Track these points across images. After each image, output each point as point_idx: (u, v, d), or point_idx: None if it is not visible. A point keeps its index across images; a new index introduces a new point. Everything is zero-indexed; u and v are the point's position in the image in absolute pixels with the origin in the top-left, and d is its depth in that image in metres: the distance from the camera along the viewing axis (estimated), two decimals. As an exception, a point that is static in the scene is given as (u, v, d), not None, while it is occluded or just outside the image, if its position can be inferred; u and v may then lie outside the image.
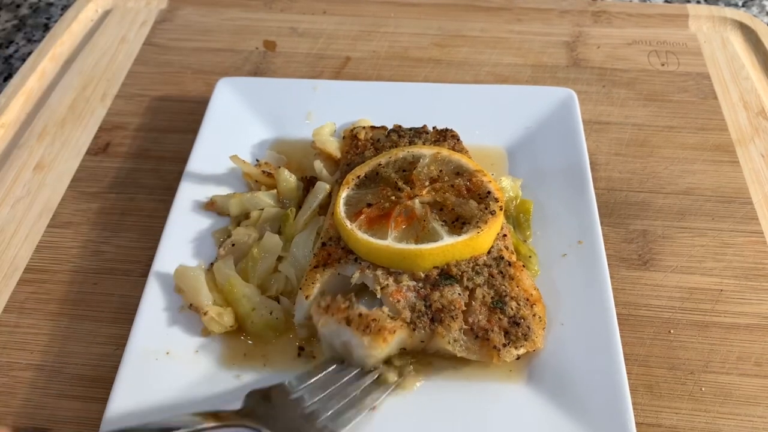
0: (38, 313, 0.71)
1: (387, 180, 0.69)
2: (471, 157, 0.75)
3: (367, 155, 0.75)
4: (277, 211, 0.74)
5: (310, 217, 0.72)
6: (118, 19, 1.11)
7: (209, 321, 0.63)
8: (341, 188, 0.69)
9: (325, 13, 1.11)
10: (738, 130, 0.91)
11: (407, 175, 0.69)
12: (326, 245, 0.66)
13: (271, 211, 0.73)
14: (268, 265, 0.68)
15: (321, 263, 0.64)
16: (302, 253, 0.69)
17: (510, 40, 1.06)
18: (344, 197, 0.68)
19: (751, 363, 0.66)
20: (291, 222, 0.72)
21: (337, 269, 0.64)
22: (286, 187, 0.75)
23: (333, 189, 0.74)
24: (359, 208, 0.66)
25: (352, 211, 0.66)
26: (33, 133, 0.92)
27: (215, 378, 0.62)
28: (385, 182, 0.69)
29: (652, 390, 0.64)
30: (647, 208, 0.81)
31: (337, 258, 0.64)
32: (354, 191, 0.69)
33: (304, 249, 0.69)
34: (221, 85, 0.87)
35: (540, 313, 0.63)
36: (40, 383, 0.65)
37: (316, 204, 0.73)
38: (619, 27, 1.08)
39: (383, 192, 0.67)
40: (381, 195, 0.67)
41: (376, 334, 0.57)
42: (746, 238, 0.77)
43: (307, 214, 0.72)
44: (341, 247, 0.65)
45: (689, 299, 0.71)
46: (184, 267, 0.67)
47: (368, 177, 0.70)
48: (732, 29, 1.07)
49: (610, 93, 0.96)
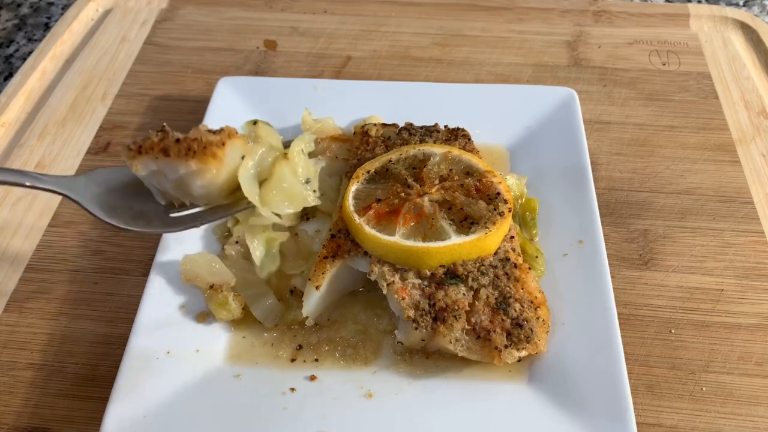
0: (39, 313, 0.71)
1: (397, 176, 0.69)
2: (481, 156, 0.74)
3: (377, 152, 0.75)
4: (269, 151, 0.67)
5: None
6: (119, 18, 1.11)
7: (219, 304, 0.62)
8: (351, 182, 0.69)
9: (325, 12, 1.11)
10: (739, 130, 0.91)
11: (417, 173, 0.69)
12: (335, 237, 0.66)
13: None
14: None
15: (330, 254, 0.64)
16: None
17: (511, 40, 1.05)
18: (354, 191, 0.68)
19: (752, 363, 0.66)
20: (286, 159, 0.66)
21: (346, 261, 0.64)
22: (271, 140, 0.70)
23: (342, 182, 0.74)
24: (368, 203, 0.66)
25: (361, 205, 0.66)
26: (33, 133, 0.92)
27: (215, 377, 0.61)
28: (395, 179, 0.69)
29: (653, 390, 0.64)
30: (648, 207, 0.81)
31: (346, 250, 0.64)
32: (364, 186, 0.69)
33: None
34: (222, 85, 0.87)
35: (544, 316, 0.62)
36: (40, 382, 0.65)
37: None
38: (620, 26, 1.08)
39: (393, 188, 0.67)
40: (390, 191, 0.67)
41: (201, 153, 0.50)
42: (747, 238, 0.77)
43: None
44: (351, 239, 0.65)
45: (690, 299, 0.71)
46: (191, 255, 0.66)
47: (378, 172, 0.71)
48: (733, 29, 1.07)
49: (611, 92, 0.96)
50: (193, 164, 0.50)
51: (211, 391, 0.60)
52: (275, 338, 0.65)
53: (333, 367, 0.62)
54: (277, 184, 0.63)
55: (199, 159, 0.50)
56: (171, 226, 0.59)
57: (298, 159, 0.66)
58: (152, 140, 0.52)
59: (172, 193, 0.55)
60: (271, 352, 0.64)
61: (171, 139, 0.51)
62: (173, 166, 0.51)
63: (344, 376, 0.62)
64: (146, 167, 0.52)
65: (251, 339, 0.65)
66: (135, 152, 0.52)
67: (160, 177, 0.53)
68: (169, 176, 0.52)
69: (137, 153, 0.52)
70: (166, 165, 0.51)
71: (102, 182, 0.57)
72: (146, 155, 0.51)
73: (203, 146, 0.51)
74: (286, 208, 0.64)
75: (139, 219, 0.57)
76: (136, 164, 0.52)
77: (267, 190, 0.63)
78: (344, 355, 0.64)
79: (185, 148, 0.50)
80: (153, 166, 0.51)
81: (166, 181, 0.53)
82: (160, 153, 0.51)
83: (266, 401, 0.59)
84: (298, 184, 0.65)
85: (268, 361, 0.63)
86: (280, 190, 0.64)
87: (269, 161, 0.63)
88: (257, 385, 0.61)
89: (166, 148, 0.50)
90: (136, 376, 0.59)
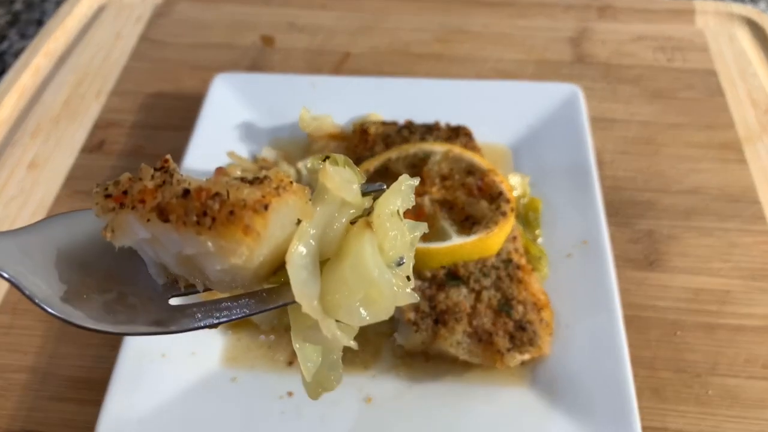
0: (32, 314, 0.69)
1: (396, 175, 0.68)
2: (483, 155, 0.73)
3: (377, 151, 0.74)
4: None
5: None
6: (113, 14, 1.09)
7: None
8: None
9: (324, 7, 1.09)
10: (745, 128, 0.89)
11: (417, 172, 0.68)
12: None
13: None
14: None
15: None
16: None
17: (513, 36, 1.04)
18: None
19: (758, 365, 0.64)
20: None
21: None
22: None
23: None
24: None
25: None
26: (26, 131, 0.90)
27: (211, 381, 0.60)
28: (394, 178, 0.68)
29: (658, 393, 0.63)
30: (653, 207, 0.79)
31: None
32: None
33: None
34: (218, 82, 0.86)
35: (547, 318, 0.61)
36: (33, 385, 0.64)
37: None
38: (624, 22, 1.06)
39: (393, 187, 0.65)
40: (390, 190, 0.65)
41: (225, 223, 0.28)
42: (754, 238, 0.76)
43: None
44: None
45: (696, 300, 0.70)
46: None
47: (378, 171, 0.69)
48: (739, 25, 1.05)
49: (616, 90, 0.95)
50: (209, 243, 0.28)
51: (206, 395, 0.59)
52: (272, 341, 0.64)
53: (331, 370, 0.61)
54: (352, 273, 0.34)
55: (221, 234, 0.27)
56: (168, 323, 0.35)
57: (389, 224, 0.36)
58: (144, 186, 0.29)
59: (175, 269, 0.32)
60: (268, 355, 0.63)
61: (174, 190, 0.28)
62: (176, 238, 0.29)
63: (342, 380, 0.60)
64: (131, 233, 0.29)
65: (247, 342, 0.64)
66: (112, 203, 0.29)
67: (158, 246, 0.31)
68: (170, 249, 0.30)
69: (116, 205, 0.29)
70: (165, 234, 0.29)
71: (61, 241, 0.32)
72: (131, 212, 0.28)
73: (229, 211, 0.28)
74: (362, 317, 0.35)
75: (117, 309, 0.33)
76: (114, 227, 0.29)
77: (332, 284, 0.34)
78: (343, 358, 0.62)
79: (198, 211, 0.28)
80: (143, 233, 0.29)
81: (165, 252, 0.31)
82: (154, 214, 0.28)
83: (263, 406, 0.58)
84: (385, 272, 0.35)
85: (265, 365, 0.62)
86: (356, 285, 0.34)
87: (340, 229, 0.35)
88: (254, 389, 0.60)
89: (164, 209, 0.28)
90: (131, 380, 0.58)
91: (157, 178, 0.30)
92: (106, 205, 0.30)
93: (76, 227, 0.34)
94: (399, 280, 0.36)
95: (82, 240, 0.34)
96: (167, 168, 0.31)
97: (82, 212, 0.35)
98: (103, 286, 0.34)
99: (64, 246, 0.33)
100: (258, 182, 0.31)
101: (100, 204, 0.30)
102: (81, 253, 0.34)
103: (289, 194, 0.31)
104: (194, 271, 0.32)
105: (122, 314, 0.34)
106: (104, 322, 0.33)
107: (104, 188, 0.30)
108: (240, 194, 0.29)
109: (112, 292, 0.34)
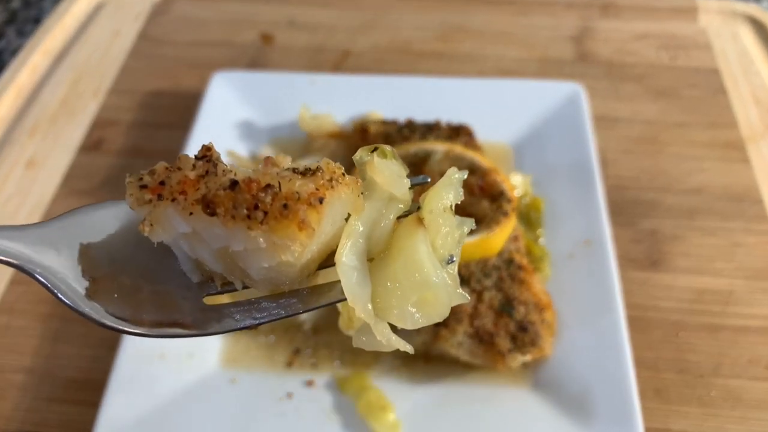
0: (29, 315, 0.69)
1: None
2: (485, 154, 0.73)
3: None
4: None
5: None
6: (112, 12, 1.08)
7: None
8: None
9: (324, 5, 1.09)
10: (749, 127, 0.89)
11: (418, 171, 0.68)
12: None
13: None
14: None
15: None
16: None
17: (515, 34, 1.03)
18: None
19: (762, 366, 0.64)
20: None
21: None
22: None
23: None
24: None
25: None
26: (24, 129, 0.90)
27: (210, 382, 0.60)
28: None
29: (661, 394, 0.62)
30: (656, 206, 0.79)
31: None
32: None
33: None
34: (217, 80, 0.85)
35: (549, 318, 0.61)
36: (31, 386, 0.63)
37: None
38: (627, 20, 1.06)
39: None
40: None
41: (279, 218, 0.26)
42: (757, 238, 0.75)
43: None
44: None
45: (699, 301, 0.69)
46: None
47: None
48: (742, 23, 1.04)
49: (618, 88, 0.94)
50: (261, 239, 0.26)
51: (205, 397, 0.58)
52: (271, 342, 0.63)
53: (331, 372, 0.61)
54: (405, 273, 0.32)
55: (274, 229, 0.25)
56: (204, 324, 0.31)
57: (442, 221, 0.34)
58: (184, 176, 0.26)
59: (212, 266, 0.29)
60: (267, 356, 0.62)
61: (220, 181, 0.26)
62: (220, 233, 0.26)
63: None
64: (170, 228, 0.27)
65: (246, 342, 0.63)
66: (148, 194, 0.26)
67: (196, 242, 0.28)
68: (211, 244, 0.27)
69: (153, 197, 0.26)
70: (208, 229, 0.26)
71: (87, 234, 0.30)
72: (171, 204, 0.26)
73: (283, 204, 0.26)
74: (415, 320, 0.33)
75: (149, 309, 0.31)
76: (152, 221, 0.27)
77: (383, 285, 0.32)
78: (343, 359, 0.62)
79: (248, 204, 0.25)
80: (184, 227, 0.27)
81: (204, 247, 0.28)
82: (198, 207, 0.26)
83: (262, 407, 0.58)
84: (438, 271, 0.33)
85: (264, 366, 0.61)
86: (410, 286, 0.32)
87: (388, 226, 0.32)
88: (253, 390, 0.59)
89: (210, 202, 0.25)
90: (129, 381, 0.58)
91: (199, 168, 0.27)
92: (142, 197, 0.27)
93: (103, 221, 0.32)
94: (451, 279, 0.33)
95: (111, 234, 0.31)
96: (210, 157, 0.28)
97: (107, 204, 0.32)
98: (135, 284, 0.31)
99: (92, 241, 0.30)
100: (310, 174, 0.29)
101: (134, 195, 0.27)
102: (109, 249, 0.31)
103: (342, 187, 0.29)
104: (234, 268, 0.29)
105: (154, 314, 0.31)
106: (138, 324, 0.31)
107: (138, 178, 0.28)
108: (293, 186, 0.27)
109: (144, 291, 0.32)
